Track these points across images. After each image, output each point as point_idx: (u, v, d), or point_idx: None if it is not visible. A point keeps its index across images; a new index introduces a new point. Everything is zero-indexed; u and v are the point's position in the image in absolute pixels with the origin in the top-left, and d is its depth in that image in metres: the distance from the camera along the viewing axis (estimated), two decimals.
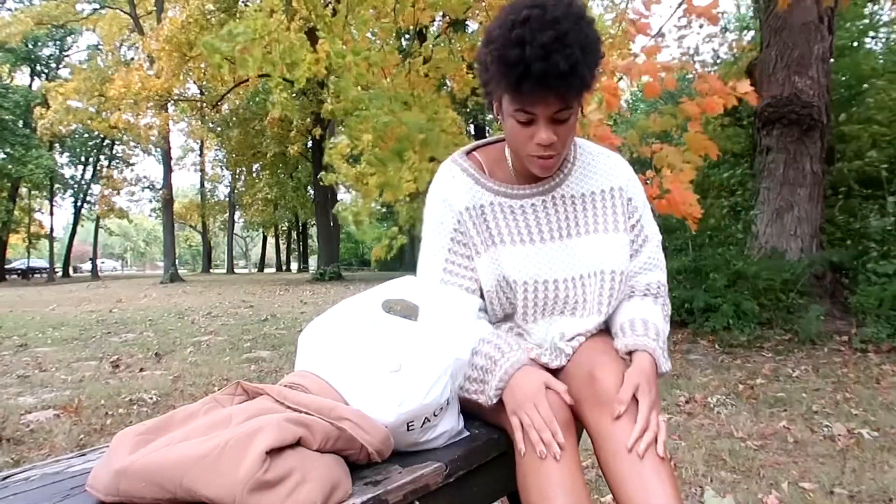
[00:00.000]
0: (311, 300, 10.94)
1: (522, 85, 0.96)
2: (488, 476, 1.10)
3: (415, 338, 1.04)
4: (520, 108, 1.01)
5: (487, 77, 1.05)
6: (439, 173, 1.20)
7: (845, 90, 6.88)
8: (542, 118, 1.01)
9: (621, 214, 1.18)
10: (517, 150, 1.08)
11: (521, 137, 1.04)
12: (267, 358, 4.70)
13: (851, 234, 5.66)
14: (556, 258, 1.15)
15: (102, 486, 0.79)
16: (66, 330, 6.69)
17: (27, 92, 23.61)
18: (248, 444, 0.75)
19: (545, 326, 1.17)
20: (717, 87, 2.67)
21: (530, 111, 1.00)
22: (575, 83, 0.96)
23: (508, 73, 0.96)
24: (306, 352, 1.08)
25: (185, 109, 22.18)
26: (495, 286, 1.14)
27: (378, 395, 0.96)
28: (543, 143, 1.02)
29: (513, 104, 1.01)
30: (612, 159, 1.23)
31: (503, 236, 1.15)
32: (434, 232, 1.17)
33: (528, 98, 0.98)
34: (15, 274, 28.92)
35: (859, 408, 2.94)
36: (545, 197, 1.16)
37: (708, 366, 4.07)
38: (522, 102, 1.00)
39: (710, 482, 2.06)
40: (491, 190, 1.16)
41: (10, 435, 2.65)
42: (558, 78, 0.94)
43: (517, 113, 1.01)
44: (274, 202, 29.60)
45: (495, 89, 1.04)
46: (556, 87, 0.95)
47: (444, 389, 0.99)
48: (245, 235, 53.17)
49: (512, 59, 0.94)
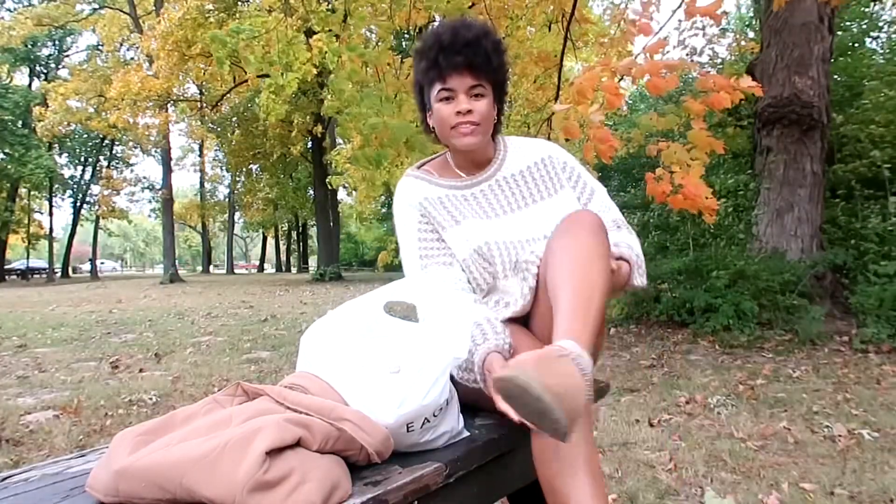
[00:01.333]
0: (311, 301, 10.94)
1: (438, 58, 1.20)
2: (488, 476, 1.10)
3: (414, 339, 1.04)
4: (441, 88, 1.22)
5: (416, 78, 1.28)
6: (399, 187, 1.38)
7: (845, 90, 6.88)
8: (461, 92, 1.22)
9: (557, 178, 1.35)
10: (444, 130, 1.26)
11: (446, 114, 1.23)
12: (267, 358, 4.70)
13: (852, 234, 5.65)
14: (516, 226, 1.28)
15: (102, 486, 0.79)
16: (65, 330, 6.68)
17: (27, 92, 23.60)
18: (247, 445, 0.75)
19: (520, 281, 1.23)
20: (721, 82, 2.67)
21: (449, 87, 1.22)
22: (480, 52, 1.20)
23: (428, 52, 1.22)
24: (307, 353, 1.08)
25: (185, 110, 22.18)
26: (471, 254, 1.26)
27: (378, 396, 0.96)
28: (463, 110, 1.22)
29: (435, 87, 1.23)
30: (535, 141, 1.43)
31: (465, 215, 1.30)
32: (404, 229, 1.33)
33: (445, 71, 1.20)
34: (14, 274, 28.89)
35: (860, 408, 2.94)
36: (490, 181, 1.33)
37: (708, 366, 4.07)
38: (441, 78, 1.21)
39: (710, 483, 2.06)
40: (443, 186, 1.34)
41: (9, 436, 2.64)
42: (466, 46, 1.19)
43: (441, 92, 1.23)
44: (274, 202, 29.61)
45: (423, 83, 1.26)
46: (464, 54, 1.19)
47: (443, 390, 0.99)
48: (245, 236, 53.21)
49: (429, 43, 1.23)
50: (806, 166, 5.58)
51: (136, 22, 20.31)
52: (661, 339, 5.14)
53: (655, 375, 3.84)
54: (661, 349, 4.72)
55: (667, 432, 2.65)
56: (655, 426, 2.75)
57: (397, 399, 0.96)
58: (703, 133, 2.89)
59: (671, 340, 5.06)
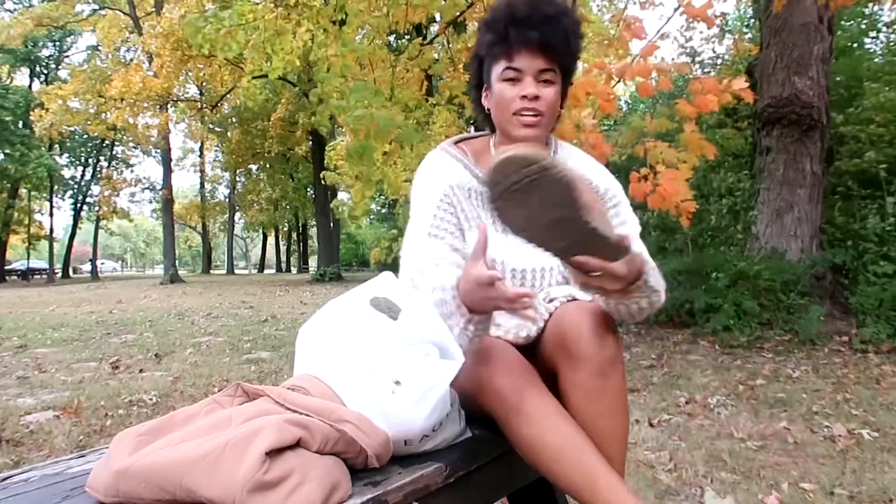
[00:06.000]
0: (311, 301, 10.94)
1: (509, 30, 1.06)
2: (488, 476, 1.10)
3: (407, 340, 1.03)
4: (508, 66, 1.08)
5: (477, 50, 1.14)
6: (427, 159, 1.23)
7: (845, 90, 6.88)
8: (529, 74, 1.08)
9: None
10: (503, 114, 1.12)
11: (509, 97, 1.09)
12: (267, 359, 4.70)
13: (851, 234, 5.66)
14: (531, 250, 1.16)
15: (102, 486, 0.79)
16: (65, 331, 6.68)
17: (27, 93, 23.62)
18: (247, 445, 0.75)
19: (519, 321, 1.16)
20: (710, 85, 2.66)
21: (517, 67, 1.08)
22: (559, 32, 1.06)
23: (496, 24, 1.08)
24: (303, 354, 1.08)
25: (185, 110, 22.19)
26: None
27: (376, 415, 0.95)
28: (529, 95, 1.08)
29: (501, 64, 1.09)
30: (588, 158, 1.28)
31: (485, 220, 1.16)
32: (422, 200, 1.18)
33: (515, 47, 1.06)
34: (15, 275, 28.90)
35: (859, 408, 2.94)
36: None
37: (708, 366, 4.07)
38: (508, 55, 1.08)
39: (710, 483, 2.06)
40: (477, 177, 1.18)
41: (9, 436, 2.64)
42: (542, 22, 1.04)
43: (506, 72, 1.09)
44: (274, 202, 29.63)
45: (485, 57, 1.13)
46: (540, 31, 1.04)
47: (443, 406, 0.99)
48: (245, 236, 53.18)
49: (500, 14, 1.07)
50: (805, 166, 5.58)
51: (136, 23, 20.30)
52: (661, 340, 5.14)
53: (655, 375, 3.84)
54: (661, 349, 4.73)
55: (667, 432, 2.65)
56: (655, 426, 2.75)
57: (396, 420, 0.95)
58: (694, 136, 2.87)
59: (671, 340, 5.06)
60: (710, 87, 2.65)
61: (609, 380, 1.01)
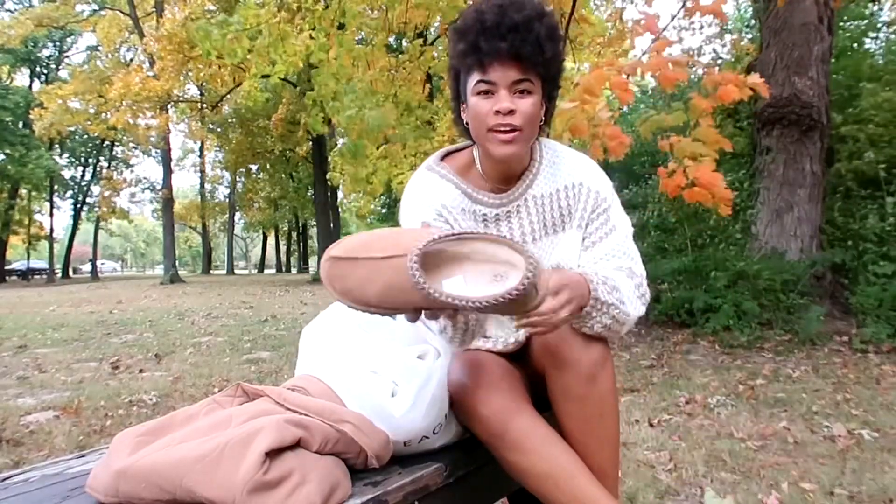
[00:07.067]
0: (311, 301, 10.94)
1: (479, 41, 1.00)
2: (488, 476, 1.10)
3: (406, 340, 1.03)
4: (480, 80, 1.03)
5: (451, 61, 1.09)
6: (415, 180, 1.19)
7: (845, 90, 6.88)
8: (502, 87, 1.02)
9: (576, 210, 1.17)
10: (479, 130, 1.06)
11: (483, 111, 1.03)
12: (267, 359, 4.70)
13: (851, 234, 5.65)
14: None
15: (102, 486, 0.79)
16: (65, 331, 6.68)
17: (27, 93, 23.62)
18: (247, 445, 0.76)
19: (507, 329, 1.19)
20: (730, 77, 2.67)
21: (490, 80, 1.02)
22: (530, 39, 0.99)
23: (467, 33, 1.02)
24: (306, 354, 1.09)
25: (185, 110, 22.18)
26: None
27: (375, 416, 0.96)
28: (503, 110, 1.01)
29: (474, 77, 1.04)
30: (578, 156, 1.22)
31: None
32: (415, 222, 1.15)
33: (485, 59, 1.01)
34: (15, 275, 28.90)
35: (859, 408, 2.94)
36: (518, 202, 1.15)
37: (708, 366, 4.07)
38: (481, 67, 1.02)
39: (710, 483, 2.06)
40: (469, 196, 1.16)
41: (9, 436, 2.64)
42: (512, 30, 0.98)
43: (479, 84, 1.03)
44: (274, 202, 29.62)
45: (460, 69, 1.08)
46: (510, 41, 0.98)
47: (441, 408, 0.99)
48: (245, 236, 53.18)
49: (469, 21, 1.02)
50: (805, 166, 5.58)
51: (136, 23, 20.31)
52: (661, 339, 5.14)
53: (655, 375, 3.84)
54: (661, 349, 4.72)
55: (667, 432, 2.65)
56: (655, 426, 2.75)
57: (395, 421, 0.96)
58: (710, 129, 2.88)
59: (671, 340, 5.06)
60: (731, 79, 2.65)
61: (597, 383, 1.01)
